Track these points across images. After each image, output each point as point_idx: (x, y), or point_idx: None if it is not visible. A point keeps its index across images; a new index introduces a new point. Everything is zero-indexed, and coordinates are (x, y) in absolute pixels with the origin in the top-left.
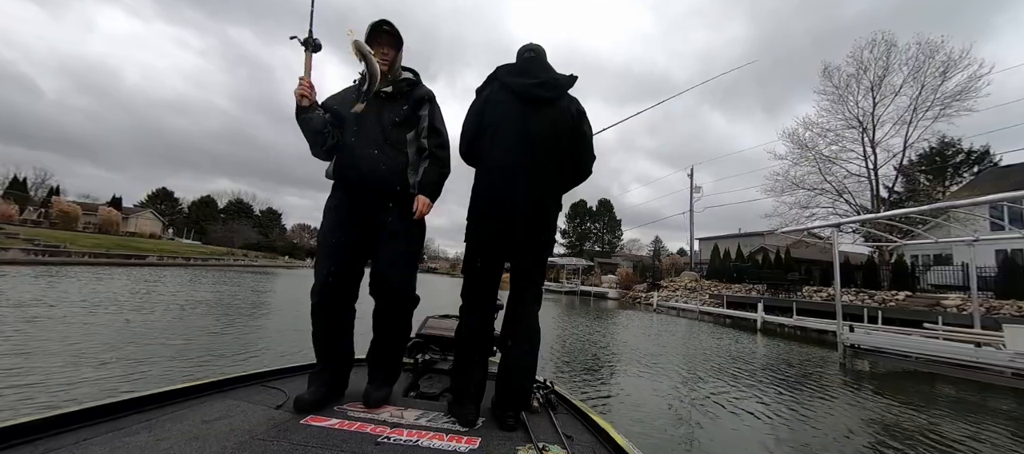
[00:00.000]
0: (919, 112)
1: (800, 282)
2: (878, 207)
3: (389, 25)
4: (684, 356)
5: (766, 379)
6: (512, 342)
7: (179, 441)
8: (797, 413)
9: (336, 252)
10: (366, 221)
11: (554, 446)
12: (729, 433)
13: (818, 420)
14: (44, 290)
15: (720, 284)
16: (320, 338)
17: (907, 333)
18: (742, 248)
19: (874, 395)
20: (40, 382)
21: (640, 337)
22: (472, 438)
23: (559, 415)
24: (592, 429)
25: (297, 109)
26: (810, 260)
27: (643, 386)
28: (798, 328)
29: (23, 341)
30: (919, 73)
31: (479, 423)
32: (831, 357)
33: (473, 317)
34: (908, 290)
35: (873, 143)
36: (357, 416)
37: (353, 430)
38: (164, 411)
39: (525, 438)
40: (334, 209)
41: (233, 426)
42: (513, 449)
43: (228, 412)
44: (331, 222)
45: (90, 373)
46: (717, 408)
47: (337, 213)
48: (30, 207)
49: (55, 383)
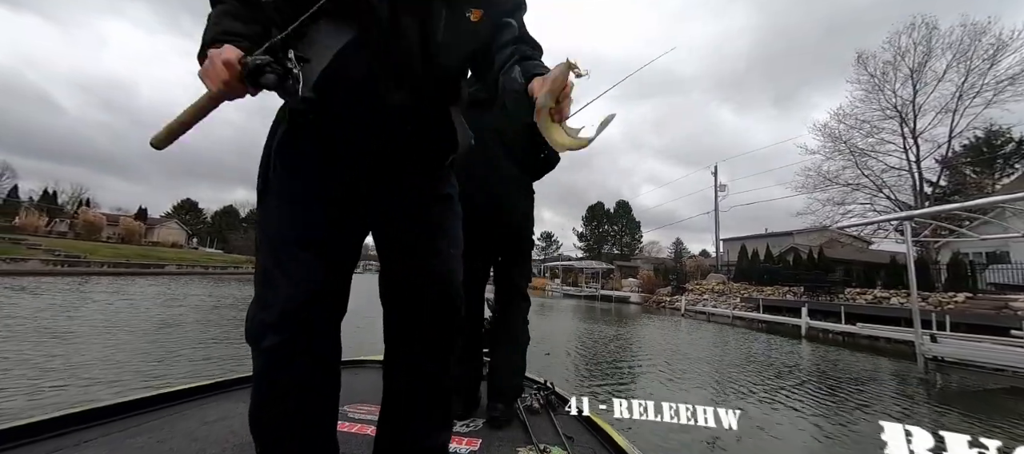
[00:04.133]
0: (965, 98)
1: (841, 283)
2: (920, 202)
3: None
4: (738, 368)
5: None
6: (498, 340)
7: (180, 442)
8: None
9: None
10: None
11: (555, 448)
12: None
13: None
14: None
15: (750, 287)
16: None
17: (997, 343)
18: (771, 248)
19: (989, 424)
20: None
21: (676, 343)
22: (472, 439)
23: (560, 416)
24: (593, 430)
25: None
26: (846, 260)
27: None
28: (846, 334)
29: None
30: (965, 57)
31: (479, 424)
32: (903, 371)
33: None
34: (968, 291)
35: (914, 133)
36: (358, 418)
37: (353, 432)
38: (165, 412)
39: (526, 439)
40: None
41: (233, 427)
42: (514, 450)
43: (228, 413)
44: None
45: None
46: (798, 434)
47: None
48: (57, 219)
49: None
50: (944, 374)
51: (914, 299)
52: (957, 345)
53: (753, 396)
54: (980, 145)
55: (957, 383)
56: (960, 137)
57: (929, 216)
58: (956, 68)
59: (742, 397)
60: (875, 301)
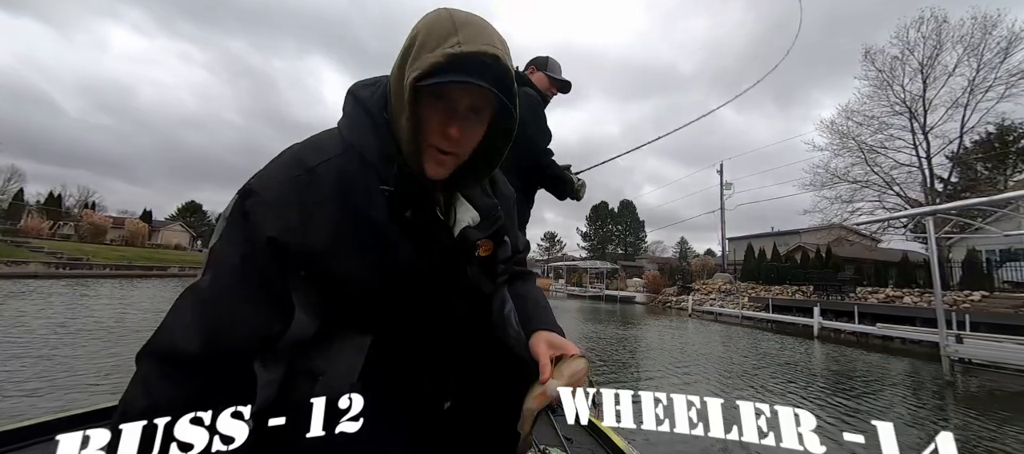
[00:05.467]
0: (977, 93)
1: (852, 282)
2: (931, 199)
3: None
4: (754, 371)
5: (869, 405)
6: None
7: None
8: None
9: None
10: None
11: (554, 448)
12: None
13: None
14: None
15: (758, 286)
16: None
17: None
18: (777, 247)
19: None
20: None
21: (688, 345)
22: None
23: (558, 418)
24: (592, 432)
25: None
26: (856, 258)
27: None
28: (859, 334)
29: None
30: (976, 50)
31: None
32: (922, 372)
33: None
34: (983, 289)
35: (924, 129)
36: None
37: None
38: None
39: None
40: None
41: None
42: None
43: None
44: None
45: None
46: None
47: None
48: (60, 222)
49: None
50: (970, 376)
51: (939, 298)
52: (985, 346)
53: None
54: (992, 140)
55: (986, 386)
56: (971, 132)
57: (952, 211)
58: (967, 62)
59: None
60: (887, 300)
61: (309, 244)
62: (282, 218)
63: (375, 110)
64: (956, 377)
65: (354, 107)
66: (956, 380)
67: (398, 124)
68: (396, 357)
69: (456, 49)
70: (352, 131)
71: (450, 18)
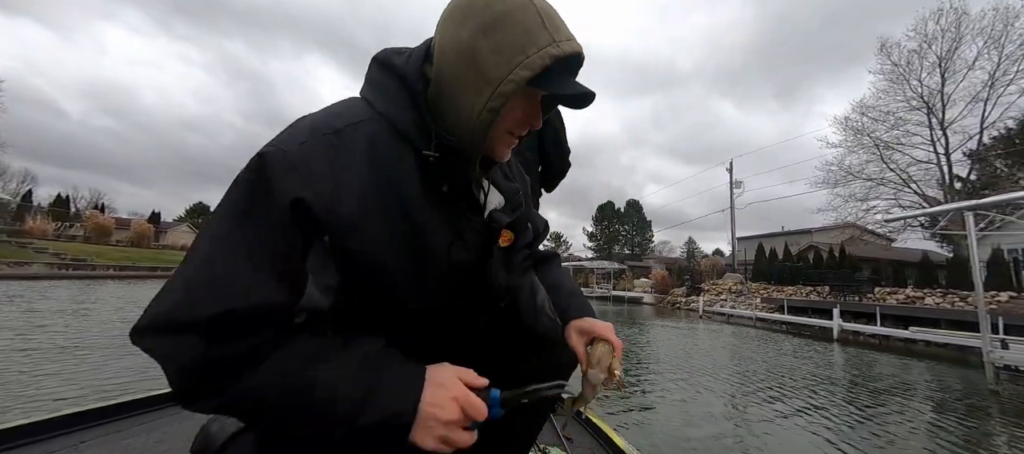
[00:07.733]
0: (998, 87)
1: (870, 282)
2: (950, 196)
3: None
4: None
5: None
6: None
7: (178, 443)
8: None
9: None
10: None
11: (554, 448)
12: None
13: None
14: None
15: (770, 287)
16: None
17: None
18: (789, 246)
19: None
20: None
21: (705, 348)
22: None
23: (559, 418)
24: (592, 432)
25: None
26: (871, 258)
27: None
28: (880, 337)
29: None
30: (997, 43)
31: None
32: (962, 380)
33: None
34: (1011, 290)
35: (942, 125)
36: None
37: None
38: (163, 413)
39: None
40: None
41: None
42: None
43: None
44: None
45: None
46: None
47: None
48: (66, 223)
49: None
50: (1017, 384)
51: (980, 299)
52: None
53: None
54: (1013, 136)
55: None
56: (991, 128)
57: (992, 206)
58: (987, 55)
59: (798, 410)
60: (908, 300)
61: (338, 213)
62: (309, 180)
63: (413, 78)
64: (1002, 385)
65: (384, 74)
66: (1002, 389)
67: (449, 98)
68: (410, 354)
69: (556, 51)
70: (380, 98)
71: (532, 4)
